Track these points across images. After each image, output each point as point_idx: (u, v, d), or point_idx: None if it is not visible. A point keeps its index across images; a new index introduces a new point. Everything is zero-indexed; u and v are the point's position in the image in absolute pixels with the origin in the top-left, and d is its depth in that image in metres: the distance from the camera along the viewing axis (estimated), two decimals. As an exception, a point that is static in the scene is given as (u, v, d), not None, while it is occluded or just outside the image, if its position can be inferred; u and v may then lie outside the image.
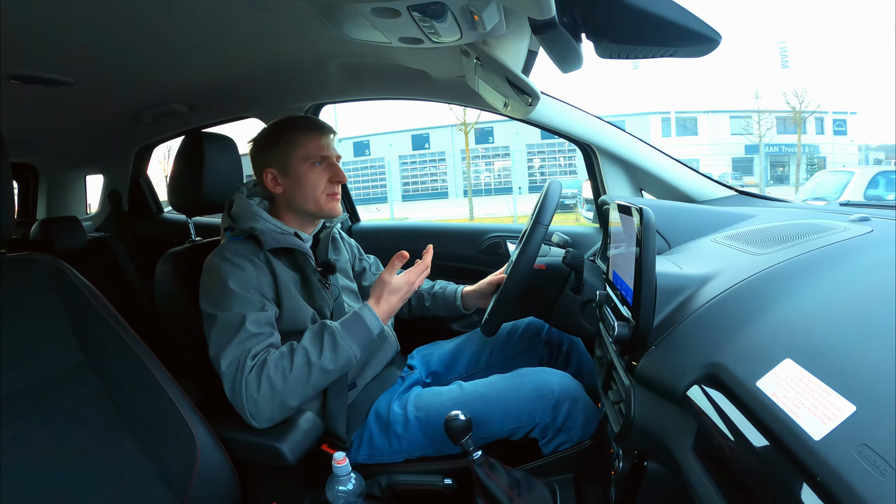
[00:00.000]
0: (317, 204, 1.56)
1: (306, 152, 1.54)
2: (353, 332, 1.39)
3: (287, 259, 1.54)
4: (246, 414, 1.30)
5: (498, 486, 1.32)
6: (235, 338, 1.33)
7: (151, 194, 3.33)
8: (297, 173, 1.55)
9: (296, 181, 1.55)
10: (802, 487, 0.52)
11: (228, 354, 1.32)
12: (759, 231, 1.29)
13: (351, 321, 1.42)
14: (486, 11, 0.97)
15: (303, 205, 1.57)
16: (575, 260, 1.49)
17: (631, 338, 0.96)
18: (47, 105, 2.01)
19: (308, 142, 1.55)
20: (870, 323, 0.67)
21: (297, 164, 1.54)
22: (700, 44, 0.95)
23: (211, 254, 1.49)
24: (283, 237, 1.50)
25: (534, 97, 1.26)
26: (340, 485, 1.33)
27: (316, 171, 1.55)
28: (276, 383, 1.29)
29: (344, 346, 1.36)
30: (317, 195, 1.56)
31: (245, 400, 1.29)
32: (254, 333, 1.35)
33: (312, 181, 1.55)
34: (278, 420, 1.33)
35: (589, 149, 2.03)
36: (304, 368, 1.32)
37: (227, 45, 1.55)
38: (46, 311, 1.21)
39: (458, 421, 1.31)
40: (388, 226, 2.69)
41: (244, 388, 1.29)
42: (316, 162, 1.55)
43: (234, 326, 1.35)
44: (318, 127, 1.58)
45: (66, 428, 1.12)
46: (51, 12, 1.22)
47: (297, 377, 1.31)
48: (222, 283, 1.40)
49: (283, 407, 1.32)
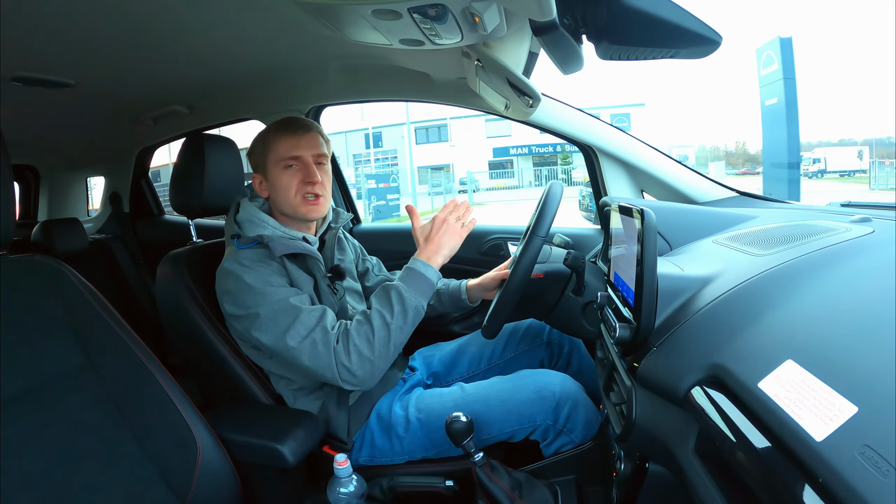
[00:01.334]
0: (292, 207, 1.55)
1: (277, 154, 1.54)
2: (414, 285, 1.43)
3: (297, 263, 1.54)
4: (338, 380, 1.37)
5: (499, 488, 1.32)
6: (297, 318, 1.37)
7: (152, 196, 3.34)
8: (272, 176, 1.55)
9: (273, 184, 1.56)
10: (804, 488, 0.52)
11: (296, 333, 1.36)
12: (760, 232, 1.29)
13: (408, 276, 1.46)
14: (486, 13, 0.97)
15: (284, 209, 1.57)
16: (576, 261, 1.49)
17: (632, 339, 0.96)
18: (49, 107, 2.02)
19: (278, 143, 1.54)
20: (871, 324, 0.67)
21: (272, 167, 1.55)
22: (701, 45, 0.96)
23: (224, 261, 1.49)
24: (292, 243, 1.49)
25: (535, 99, 1.26)
26: (342, 486, 1.34)
27: (288, 173, 1.54)
28: (363, 350, 1.35)
29: (409, 300, 1.41)
30: (290, 197, 1.54)
31: (336, 367, 1.35)
32: (311, 309, 1.39)
33: (284, 184, 1.54)
34: (370, 385, 1.41)
35: (590, 150, 2.03)
36: (383, 330, 1.38)
37: (228, 46, 1.55)
38: (47, 312, 1.21)
39: (459, 422, 1.31)
40: (390, 228, 2.69)
41: (333, 356, 1.35)
42: (288, 164, 1.54)
43: (286, 310, 1.38)
44: (291, 127, 1.56)
45: (67, 429, 1.12)
46: (52, 14, 1.23)
47: (380, 340, 1.37)
48: (247, 284, 1.41)
49: (374, 369, 1.38)
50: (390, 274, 1.99)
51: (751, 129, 63.09)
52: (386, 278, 1.96)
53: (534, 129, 2.10)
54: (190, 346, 1.57)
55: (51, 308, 1.22)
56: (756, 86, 11.71)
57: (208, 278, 1.55)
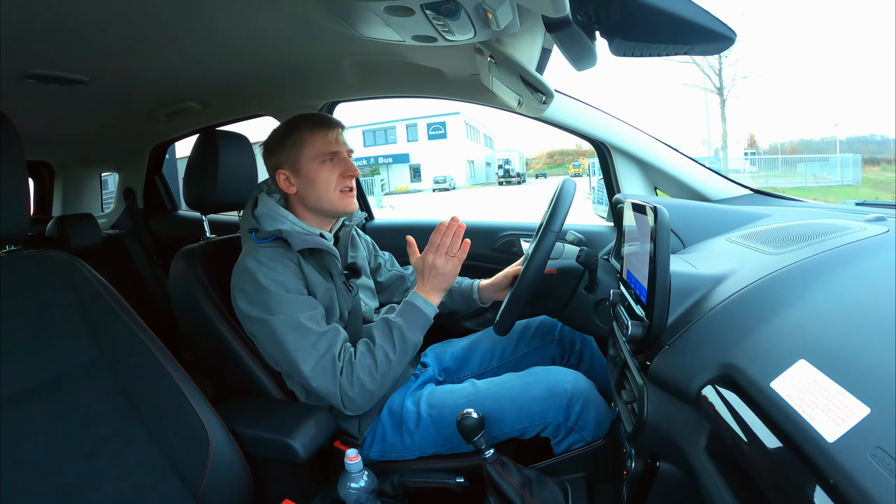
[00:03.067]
0: (331, 202, 1.57)
1: (315, 150, 1.55)
2: (413, 321, 1.48)
3: (314, 259, 1.55)
4: (341, 406, 1.43)
5: (510, 485, 1.32)
6: (306, 341, 1.40)
7: (166, 192, 3.36)
8: (308, 172, 1.55)
9: (308, 180, 1.56)
10: (815, 490, 0.52)
11: (309, 359, 1.40)
12: (774, 231, 1.28)
13: (408, 312, 1.49)
14: (499, 9, 0.96)
15: (317, 203, 1.58)
16: (589, 258, 1.48)
17: (644, 337, 0.96)
18: (63, 104, 2.03)
19: (316, 139, 1.55)
20: (885, 324, 0.66)
21: (308, 163, 1.55)
22: (715, 41, 0.95)
23: (242, 256, 1.51)
24: (310, 238, 1.50)
25: (548, 95, 1.25)
26: (352, 481, 1.34)
27: (327, 167, 1.55)
28: (366, 383, 1.41)
29: (410, 337, 1.47)
30: (330, 192, 1.56)
31: (341, 398, 1.41)
32: (321, 333, 1.42)
33: (324, 178, 1.55)
34: (366, 409, 1.47)
35: (603, 147, 2.02)
36: (386, 365, 1.43)
37: (241, 43, 1.56)
38: (62, 307, 1.22)
39: (470, 419, 1.31)
40: (403, 223, 2.69)
41: (339, 388, 1.40)
42: (326, 159, 1.56)
43: (297, 329, 1.41)
44: (325, 123, 1.58)
45: (79, 422, 1.13)
46: (66, 11, 1.23)
47: (382, 374, 1.43)
48: (264, 287, 1.42)
49: (373, 398, 1.45)
50: (403, 269, 2.01)
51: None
52: (398, 274, 1.98)
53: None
54: (203, 340, 1.58)
55: (65, 303, 1.23)
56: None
57: (222, 274, 1.56)
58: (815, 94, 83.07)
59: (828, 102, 76.53)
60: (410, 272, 2.02)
